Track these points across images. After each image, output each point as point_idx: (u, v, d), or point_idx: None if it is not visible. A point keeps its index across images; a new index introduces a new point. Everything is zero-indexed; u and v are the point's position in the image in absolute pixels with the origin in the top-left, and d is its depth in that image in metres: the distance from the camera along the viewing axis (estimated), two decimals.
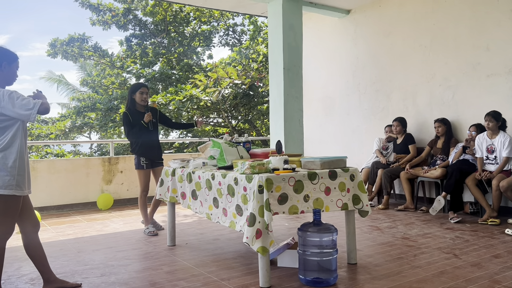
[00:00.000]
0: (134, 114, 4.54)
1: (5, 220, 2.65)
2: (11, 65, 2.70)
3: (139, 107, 4.60)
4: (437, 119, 5.67)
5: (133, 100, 4.59)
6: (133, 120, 4.51)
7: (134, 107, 4.59)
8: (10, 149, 2.63)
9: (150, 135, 4.59)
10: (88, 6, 14.01)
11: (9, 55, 2.70)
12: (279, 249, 3.28)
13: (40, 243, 2.88)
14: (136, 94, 4.56)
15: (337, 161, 3.21)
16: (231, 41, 16.07)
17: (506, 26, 5.19)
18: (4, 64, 2.66)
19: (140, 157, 4.56)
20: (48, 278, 2.87)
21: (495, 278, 2.94)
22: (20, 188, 2.67)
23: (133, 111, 4.56)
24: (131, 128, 4.50)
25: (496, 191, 4.67)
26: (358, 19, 7.09)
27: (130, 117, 4.51)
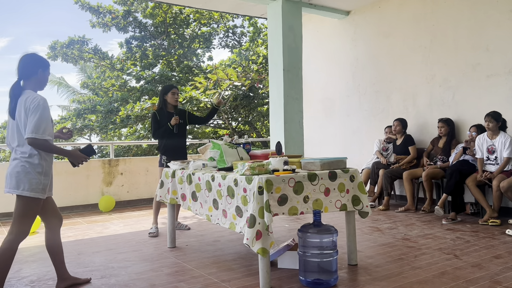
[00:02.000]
0: (163, 115, 4.66)
1: (24, 221, 2.73)
2: (45, 72, 2.82)
3: (170, 107, 4.72)
4: (441, 119, 5.66)
5: (164, 101, 4.71)
6: (161, 121, 4.62)
7: (166, 108, 4.70)
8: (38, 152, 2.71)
9: (174, 137, 4.68)
10: (88, 8, 14.03)
11: (45, 62, 2.83)
12: (279, 251, 3.28)
13: (60, 239, 2.99)
14: (168, 95, 4.68)
15: (337, 162, 3.21)
16: (231, 42, 16.08)
17: (505, 27, 5.19)
18: (40, 70, 2.78)
19: (163, 155, 4.67)
20: (62, 275, 2.95)
21: (496, 278, 2.93)
22: (44, 191, 2.76)
23: (163, 112, 4.68)
24: (157, 128, 4.63)
25: (496, 191, 4.67)
26: (358, 20, 7.09)
27: (159, 118, 4.64)
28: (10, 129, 2.76)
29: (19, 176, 2.67)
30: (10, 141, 2.77)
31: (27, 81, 2.76)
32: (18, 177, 2.67)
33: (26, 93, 2.71)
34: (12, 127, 2.74)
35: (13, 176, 2.68)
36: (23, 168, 2.68)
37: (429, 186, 5.50)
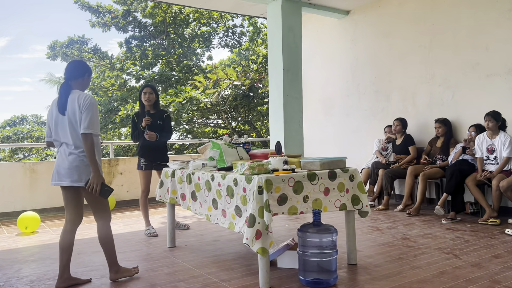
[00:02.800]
0: (141, 116, 4.60)
1: (102, 205, 3.07)
2: (89, 77, 3.15)
3: (146, 108, 4.65)
4: (438, 119, 5.67)
5: (141, 102, 4.68)
6: (138, 123, 4.61)
7: (143, 109, 4.66)
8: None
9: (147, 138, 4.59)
10: (87, 8, 14.04)
11: (90, 68, 3.16)
12: (279, 250, 3.28)
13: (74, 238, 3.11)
14: (142, 96, 4.65)
15: (336, 162, 3.21)
16: (230, 42, 16.09)
17: (505, 26, 5.19)
18: (86, 75, 3.09)
19: (140, 157, 4.63)
20: (63, 274, 3.00)
21: (496, 278, 2.94)
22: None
23: (141, 113, 4.63)
24: (134, 130, 4.64)
25: (496, 191, 4.67)
26: (358, 19, 7.09)
27: (136, 120, 4.63)
28: (60, 125, 2.95)
29: (80, 170, 2.91)
30: (61, 136, 2.95)
31: (75, 82, 3.03)
32: (78, 170, 2.91)
33: (75, 92, 2.97)
34: (62, 123, 2.94)
35: (74, 170, 2.91)
36: (81, 162, 2.92)
37: (423, 187, 5.33)
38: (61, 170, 2.94)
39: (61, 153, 2.97)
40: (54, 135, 2.99)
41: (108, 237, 3.05)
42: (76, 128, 2.90)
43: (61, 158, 2.95)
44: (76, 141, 2.91)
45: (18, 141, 14.14)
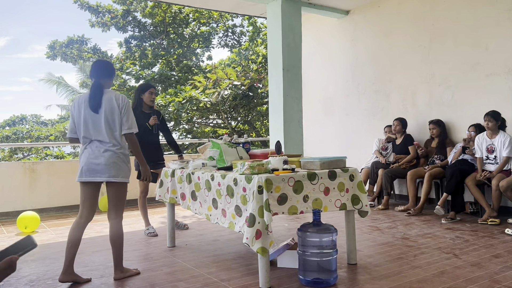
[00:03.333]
0: (139, 115, 4.53)
1: (122, 204, 3.16)
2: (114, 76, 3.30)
3: (145, 107, 4.63)
4: (431, 120, 5.70)
5: (140, 100, 4.61)
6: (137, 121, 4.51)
7: (140, 108, 4.60)
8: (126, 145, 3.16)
9: (152, 137, 4.61)
10: (87, 8, 14.03)
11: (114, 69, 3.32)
12: (279, 250, 3.28)
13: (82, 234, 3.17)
14: (145, 94, 4.58)
15: (336, 161, 3.21)
16: (230, 42, 16.08)
17: (505, 26, 5.19)
18: (113, 74, 3.23)
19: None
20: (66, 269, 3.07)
21: (495, 278, 2.94)
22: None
23: (139, 111, 4.56)
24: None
25: (496, 191, 4.67)
26: (357, 19, 7.09)
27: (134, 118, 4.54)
28: (92, 123, 3.04)
29: (117, 166, 3.05)
30: (92, 134, 3.05)
31: (104, 81, 3.14)
32: (116, 166, 3.04)
33: (109, 91, 3.11)
34: (95, 121, 3.03)
35: (111, 166, 3.02)
36: (118, 159, 3.06)
37: (428, 187, 5.33)
38: (94, 166, 3.02)
39: (92, 150, 3.04)
40: (83, 132, 3.05)
41: (120, 236, 3.13)
42: (112, 126, 3.04)
43: (93, 154, 3.03)
44: (112, 139, 3.04)
45: (18, 141, 14.14)
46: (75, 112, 3.10)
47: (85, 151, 3.08)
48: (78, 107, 3.10)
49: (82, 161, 3.07)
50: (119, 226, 3.12)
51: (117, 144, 3.06)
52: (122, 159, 3.08)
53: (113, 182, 3.07)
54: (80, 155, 3.13)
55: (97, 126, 3.04)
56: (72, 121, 3.13)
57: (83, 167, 3.05)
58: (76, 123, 3.10)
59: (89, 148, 3.07)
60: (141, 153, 3.20)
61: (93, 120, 3.04)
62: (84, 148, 3.10)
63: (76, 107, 3.11)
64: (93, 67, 3.17)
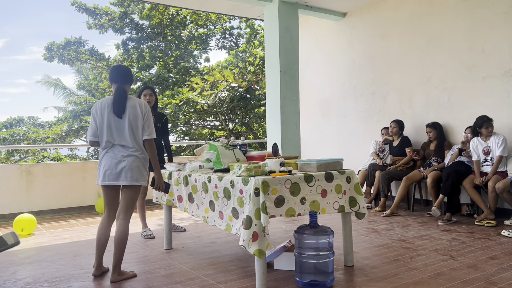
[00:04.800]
0: None
1: (133, 208, 3.30)
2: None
3: None
4: (428, 124, 5.72)
5: None
6: None
7: None
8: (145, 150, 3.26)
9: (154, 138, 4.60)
10: (84, 10, 14.00)
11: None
12: (276, 252, 3.28)
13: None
14: (141, 98, 4.64)
15: (333, 163, 3.21)
16: (228, 44, 16.08)
17: (500, 28, 5.22)
18: (132, 82, 3.33)
19: None
20: (99, 265, 3.28)
21: (491, 279, 2.94)
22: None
23: None
24: None
25: (492, 192, 4.69)
26: (354, 22, 7.11)
27: None
28: (115, 128, 3.13)
29: (139, 170, 3.18)
30: (115, 138, 3.14)
31: (127, 86, 3.24)
32: (138, 170, 3.18)
33: (132, 98, 3.20)
34: (119, 126, 3.13)
35: (134, 170, 3.15)
36: (139, 163, 3.19)
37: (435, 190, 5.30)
38: (118, 170, 3.12)
39: (115, 154, 3.14)
40: (107, 136, 3.13)
41: (126, 237, 3.23)
42: (135, 132, 3.16)
43: (116, 159, 3.13)
44: (135, 144, 3.17)
45: (15, 143, 14.08)
46: (98, 116, 3.16)
47: (107, 155, 3.16)
48: (101, 111, 3.16)
49: (104, 165, 3.15)
50: (127, 227, 3.23)
51: (139, 149, 3.19)
52: (143, 163, 3.22)
53: (133, 185, 3.19)
54: (101, 158, 3.19)
55: (121, 131, 3.14)
56: (95, 125, 3.17)
57: (106, 171, 3.13)
58: (99, 127, 3.15)
59: (111, 152, 3.15)
60: (157, 160, 3.28)
61: (117, 125, 3.14)
62: (106, 152, 3.17)
63: (99, 111, 3.16)
64: (115, 72, 3.24)
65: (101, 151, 3.21)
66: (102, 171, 3.15)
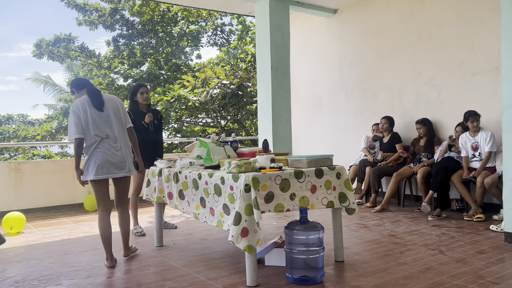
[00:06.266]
0: (137, 114, 4.59)
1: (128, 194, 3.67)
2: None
3: (142, 107, 4.67)
4: (418, 120, 5.75)
5: (135, 102, 4.65)
6: (135, 120, 4.56)
7: (137, 108, 4.65)
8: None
9: (150, 135, 4.64)
10: (74, 6, 13.86)
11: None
12: (266, 248, 3.29)
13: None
14: (137, 96, 4.63)
15: (323, 159, 3.22)
16: (219, 41, 16.03)
17: (489, 25, 5.26)
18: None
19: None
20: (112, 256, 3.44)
21: (480, 273, 2.98)
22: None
23: (136, 111, 4.62)
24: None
25: (480, 187, 4.73)
26: (345, 18, 7.12)
27: (133, 117, 4.57)
28: (100, 121, 3.26)
29: (130, 161, 3.41)
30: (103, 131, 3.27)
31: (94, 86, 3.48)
32: (130, 161, 3.42)
33: (105, 94, 3.42)
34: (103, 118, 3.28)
35: (126, 162, 3.36)
36: (129, 154, 3.42)
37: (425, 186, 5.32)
38: (113, 163, 3.28)
39: (106, 148, 3.26)
40: (94, 130, 3.24)
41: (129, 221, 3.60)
42: (120, 123, 3.37)
43: (109, 151, 3.27)
44: (121, 135, 3.35)
45: (4, 141, 13.94)
46: (81, 113, 3.24)
47: (97, 150, 3.25)
48: (82, 108, 3.25)
49: (96, 159, 3.24)
50: (127, 211, 3.59)
51: (124, 140, 3.39)
52: (131, 153, 3.46)
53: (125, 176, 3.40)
54: (90, 154, 3.25)
55: (108, 123, 3.30)
56: (79, 122, 3.22)
57: (99, 165, 3.23)
58: (84, 123, 3.23)
59: (101, 147, 3.25)
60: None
61: (101, 118, 3.28)
62: (95, 147, 3.25)
63: (81, 109, 3.25)
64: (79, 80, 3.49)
65: (88, 147, 3.26)
66: (94, 166, 3.23)
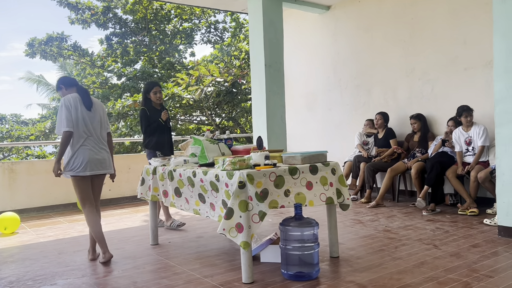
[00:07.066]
0: (152, 111, 4.63)
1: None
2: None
3: (155, 104, 4.71)
4: (412, 115, 5.77)
5: (148, 99, 4.68)
6: (150, 117, 4.61)
7: (151, 105, 4.68)
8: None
9: (165, 133, 4.69)
10: (66, 4, 13.77)
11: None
12: (262, 245, 3.29)
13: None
14: (151, 95, 4.66)
15: (317, 156, 3.23)
16: (213, 38, 15.99)
17: (482, 20, 5.27)
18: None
19: (156, 151, 4.63)
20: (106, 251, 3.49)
21: (473, 267, 3.00)
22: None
23: (150, 108, 4.65)
24: (149, 124, 4.61)
25: (474, 182, 4.76)
26: (338, 14, 7.13)
27: (148, 114, 4.61)
28: (90, 121, 3.40)
29: (111, 160, 3.58)
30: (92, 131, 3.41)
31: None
32: (110, 159, 3.57)
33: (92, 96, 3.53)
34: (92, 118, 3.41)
35: (110, 159, 3.56)
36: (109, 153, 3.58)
37: (420, 181, 5.34)
38: (100, 160, 3.44)
39: (91, 146, 3.40)
40: (82, 127, 3.35)
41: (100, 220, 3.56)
42: (103, 126, 3.53)
43: (95, 149, 3.41)
44: (104, 137, 3.53)
45: None
46: (73, 109, 3.33)
47: (83, 148, 3.35)
48: (74, 104, 3.35)
49: (84, 157, 3.34)
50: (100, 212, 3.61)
51: (105, 141, 3.54)
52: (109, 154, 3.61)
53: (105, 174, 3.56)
54: (75, 151, 3.33)
55: (96, 124, 3.45)
56: (71, 117, 3.30)
57: (87, 162, 3.35)
58: (74, 119, 3.32)
59: (87, 144, 3.37)
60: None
61: (91, 118, 3.41)
62: (82, 143, 3.35)
63: (72, 105, 3.34)
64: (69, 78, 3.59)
65: (75, 144, 3.33)
66: (83, 163, 3.34)
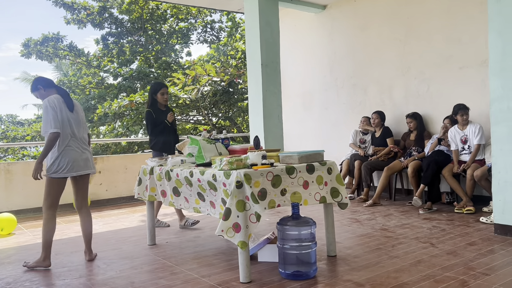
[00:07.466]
0: (158, 112, 4.65)
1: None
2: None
3: (160, 105, 4.72)
4: (408, 114, 5.79)
5: (154, 100, 4.69)
6: (156, 119, 4.62)
7: (156, 106, 4.69)
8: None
9: (171, 134, 4.70)
10: (62, 4, 13.72)
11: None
12: (259, 244, 3.30)
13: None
14: (158, 96, 4.66)
15: (314, 155, 3.24)
16: (209, 38, 15.98)
17: (477, 19, 5.30)
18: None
19: (163, 152, 4.62)
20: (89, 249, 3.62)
21: (470, 265, 3.02)
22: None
23: (156, 109, 4.66)
24: (155, 126, 4.62)
25: (470, 180, 4.78)
26: (334, 14, 7.14)
27: (154, 115, 4.62)
28: (74, 122, 3.44)
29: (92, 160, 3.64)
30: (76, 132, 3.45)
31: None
32: (93, 160, 3.64)
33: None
34: (76, 120, 3.46)
35: (92, 160, 3.63)
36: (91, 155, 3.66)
37: (416, 179, 5.38)
38: (84, 161, 3.50)
39: (75, 147, 3.44)
40: (67, 128, 3.39)
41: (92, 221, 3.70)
42: (84, 127, 3.59)
43: (80, 150, 3.47)
44: (85, 138, 3.58)
45: None
46: (58, 109, 3.35)
47: (68, 149, 3.38)
48: (59, 106, 3.36)
49: (68, 157, 3.38)
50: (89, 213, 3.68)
51: (86, 142, 3.59)
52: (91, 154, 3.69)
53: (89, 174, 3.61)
54: (61, 152, 3.35)
55: (79, 125, 3.49)
56: (57, 118, 3.32)
57: (73, 163, 3.40)
58: (60, 120, 3.33)
59: (71, 145, 3.40)
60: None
61: (73, 118, 3.44)
62: (67, 144, 3.38)
63: (57, 106, 3.35)
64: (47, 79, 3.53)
65: (61, 145, 3.36)
66: (67, 164, 3.39)
